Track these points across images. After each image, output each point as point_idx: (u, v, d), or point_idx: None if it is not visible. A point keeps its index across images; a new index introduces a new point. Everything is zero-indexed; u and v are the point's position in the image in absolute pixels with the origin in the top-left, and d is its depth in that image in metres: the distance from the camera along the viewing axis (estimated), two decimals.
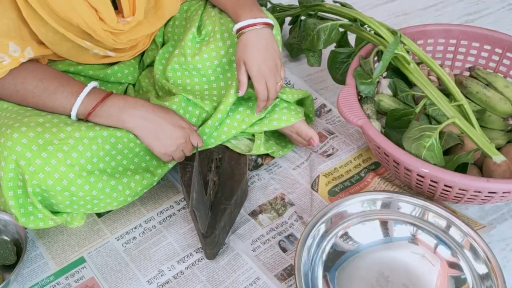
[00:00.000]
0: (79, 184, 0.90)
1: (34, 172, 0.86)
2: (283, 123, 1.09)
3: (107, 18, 0.93)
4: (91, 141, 0.91)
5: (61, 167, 0.88)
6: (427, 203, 0.96)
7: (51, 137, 0.88)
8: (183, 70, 1.09)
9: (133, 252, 1.03)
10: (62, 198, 0.91)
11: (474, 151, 0.97)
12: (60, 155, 0.88)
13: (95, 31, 0.93)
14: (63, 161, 0.88)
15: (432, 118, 1.07)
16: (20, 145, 0.85)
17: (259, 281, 0.97)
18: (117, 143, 0.95)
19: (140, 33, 1.03)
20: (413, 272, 0.93)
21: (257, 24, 0.99)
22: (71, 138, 0.90)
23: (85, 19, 0.90)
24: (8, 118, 0.90)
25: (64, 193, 0.90)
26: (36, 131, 0.87)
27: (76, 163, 0.89)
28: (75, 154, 0.89)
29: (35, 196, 0.89)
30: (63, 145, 0.89)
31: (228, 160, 1.08)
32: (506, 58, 1.18)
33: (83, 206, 0.94)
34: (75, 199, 0.92)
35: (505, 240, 1.02)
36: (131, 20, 0.97)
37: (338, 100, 1.03)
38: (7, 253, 0.97)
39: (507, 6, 1.70)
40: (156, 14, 1.05)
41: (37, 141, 0.87)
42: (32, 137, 0.86)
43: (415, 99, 1.13)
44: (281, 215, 1.08)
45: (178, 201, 1.11)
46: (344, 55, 1.21)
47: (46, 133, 0.88)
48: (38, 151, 0.86)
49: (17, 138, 0.86)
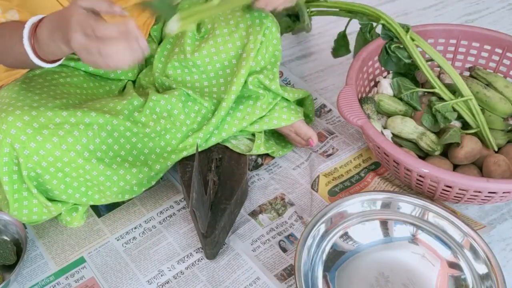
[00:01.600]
0: (74, 167, 0.90)
1: (28, 155, 0.86)
2: (283, 122, 1.09)
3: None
4: (87, 127, 0.91)
5: (56, 151, 0.88)
6: (427, 203, 0.96)
7: (46, 121, 0.88)
8: (183, 67, 1.09)
9: (133, 252, 1.02)
10: (57, 181, 0.91)
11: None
12: (55, 140, 0.87)
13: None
14: (58, 145, 0.88)
15: (440, 115, 1.07)
16: (15, 128, 0.85)
17: (259, 281, 0.97)
18: (113, 131, 0.95)
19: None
20: (413, 272, 0.93)
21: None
22: (67, 123, 0.89)
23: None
24: (2, 103, 0.90)
25: (58, 174, 0.90)
26: (31, 114, 0.87)
27: (72, 148, 0.89)
28: (70, 139, 0.89)
29: (31, 181, 0.89)
30: (59, 130, 0.88)
31: (228, 160, 1.08)
32: (506, 58, 1.18)
33: (77, 189, 0.94)
34: (69, 181, 0.91)
35: (505, 240, 1.02)
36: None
37: (338, 100, 1.03)
38: (7, 253, 0.97)
39: (507, 6, 1.70)
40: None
41: (32, 124, 0.86)
42: (27, 121, 0.86)
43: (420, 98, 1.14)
44: (281, 215, 1.08)
45: (178, 201, 1.11)
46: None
47: (41, 117, 0.87)
48: (33, 134, 0.86)
49: (12, 121, 0.85)
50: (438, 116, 1.08)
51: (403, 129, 1.08)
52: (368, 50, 1.15)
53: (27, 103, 0.89)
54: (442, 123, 1.08)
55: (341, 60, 1.48)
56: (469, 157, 1.03)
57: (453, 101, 1.08)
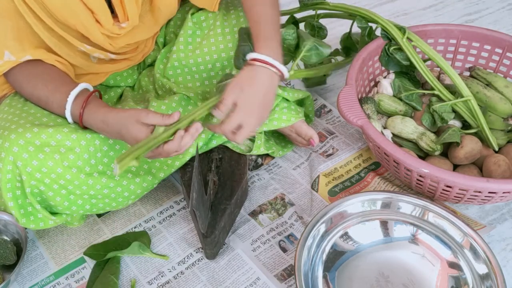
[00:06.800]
0: (77, 184, 0.90)
1: (31, 173, 0.87)
2: (283, 122, 1.09)
3: (103, 20, 0.93)
4: (88, 142, 0.91)
5: (58, 168, 0.88)
6: (427, 203, 0.96)
7: (48, 138, 0.88)
8: (183, 66, 1.09)
9: None
10: (60, 199, 0.91)
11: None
12: (57, 157, 0.88)
13: (92, 33, 0.93)
14: (60, 162, 0.88)
15: (437, 115, 1.07)
16: (17, 146, 0.86)
17: (259, 281, 0.97)
18: (115, 144, 0.95)
19: (137, 37, 1.03)
20: (413, 272, 0.93)
21: (273, 67, 0.93)
22: (68, 140, 0.90)
23: (82, 20, 0.90)
24: (5, 120, 0.91)
25: (61, 192, 0.90)
26: (33, 131, 0.87)
27: (74, 165, 0.89)
28: (72, 156, 0.89)
29: (34, 197, 0.89)
30: (60, 147, 0.89)
31: (228, 160, 1.08)
32: (506, 58, 1.18)
33: (81, 207, 0.94)
34: (73, 198, 0.92)
35: (505, 240, 1.02)
36: (126, 26, 0.97)
37: (338, 100, 1.03)
38: (7, 253, 0.97)
39: (507, 6, 1.70)
40: (152, 17, 1.04)
41: (34, 142, 0.87)
42: (29, 138, 0.87)
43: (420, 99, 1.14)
44: (281, 215, 1.08)
45: (178, 201, 1.11)
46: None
47: (42, 134, 0.88)
48: (35, 152, 0.87)
49: (14, 139, 0.86)
50: (435, 116, 1.08)
51: (403, 129, 1.09)
52: (368, 50, 1.15)
53: (29, 120, 0.90)
54: (440, 123, 1.08)
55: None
56: (469, 157, 1.03)
57: (452, 101, 1.08)
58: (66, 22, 0.91)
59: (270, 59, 0.92)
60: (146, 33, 1.05)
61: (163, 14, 1.05)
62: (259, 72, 0.92)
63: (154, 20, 1.05)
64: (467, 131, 1.06)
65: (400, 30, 1.12)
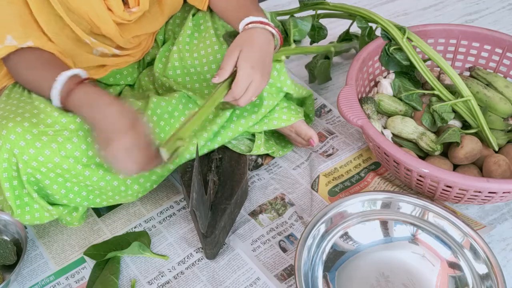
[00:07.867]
0: (73, 174, 0.90)
1: (27, 161, 0.86)
2: (283, 122, 1.09)
3: (114, 6, 0.94)
4: (85, 133, 0.91)
5: (55, 157, 0.88)
6: (427, 203, 0.96)
7: (46, 127, 0.88)
8: (183, 67, 1.09)
9: None
10: (57, 187, 0.91)
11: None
12: (54, 146, 0.88)
13: (104, 20, 0.94)
14: (57, 152, 0.88)
15: (437, 115, 1.07)
16: (15, 133, 0.85)
17: (259, 281, 0.97)
18: None
19: (144, 28, 1.05)
20: (413, 272, 0.93)
21: (268, 25, 0.97)
22: (66, 129, 0.89)
23: (94, 7, 0.92)
24: (4, 110, 0.90)
25: (58, 179, 0.90)
26: (31, 121, 0.87)
27: (71, 155, 0.89)
28: (69, 146, 0.89)
29: (31, 186, 0.89)
30: (58, 136, 0.88)
31: (228, 160, 1.08)
32: (506, 58, 1.18)
33: (78, 194, 0.94)
34: (69, 186, 0.92)
35: (505, 240, 1.02)
36: (137, 10, 0.99)
37: (338, 100, 1.03)
38: (7, 253, 0.97)
39: (507, 6, 1.70)
40: (159, 8, 1.07)
41: (32, 130, 0.87)
42: (27, 127, 0.86)
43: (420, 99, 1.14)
44: (281, 215, 1.08)
45: (178, 201, 1.11)
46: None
47: (41, 124, 0.88)
48: (32, 140, 0.86)
49: (12, 127, 0.86)
50: (435, 116, 1.08)
51: (403, 129, 1.09)
52: (368, 50, 1.15)
53: (27, 110, 0.90)
54: (440, 123, 1.08)
55: (341, 60, 1.48)
56: (469, 157, 1.03)
57: (452, 101, 1.08)
58: (79, 9, 0.92)
59: (265, 20, 0.96)
60: (153, 25, 1.07)
61: (168, 6, 1.07)
62: (256, 31, 0.95)
63: (161, 11, 1.07)
64: (467, 131, 1.07)
65: (400, 30, 1.13)
